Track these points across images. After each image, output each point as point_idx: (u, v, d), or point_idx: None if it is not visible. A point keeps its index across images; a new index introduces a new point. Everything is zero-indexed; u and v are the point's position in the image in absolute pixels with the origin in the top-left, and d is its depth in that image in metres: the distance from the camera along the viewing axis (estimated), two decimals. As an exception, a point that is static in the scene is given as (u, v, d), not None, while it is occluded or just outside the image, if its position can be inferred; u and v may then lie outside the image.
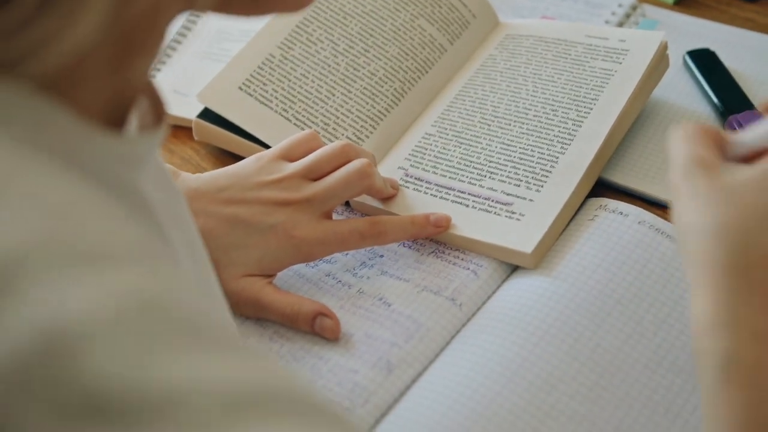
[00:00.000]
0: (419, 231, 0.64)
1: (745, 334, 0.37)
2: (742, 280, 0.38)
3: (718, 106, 0.74)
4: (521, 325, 0.57)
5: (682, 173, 0.41)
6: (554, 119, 0.71)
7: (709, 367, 0.37)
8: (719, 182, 0.40)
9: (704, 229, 0.39)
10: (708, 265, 0.38)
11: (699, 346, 0.38)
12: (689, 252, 0.40)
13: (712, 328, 0.37)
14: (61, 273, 0.21)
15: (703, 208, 0.39)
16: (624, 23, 0.87)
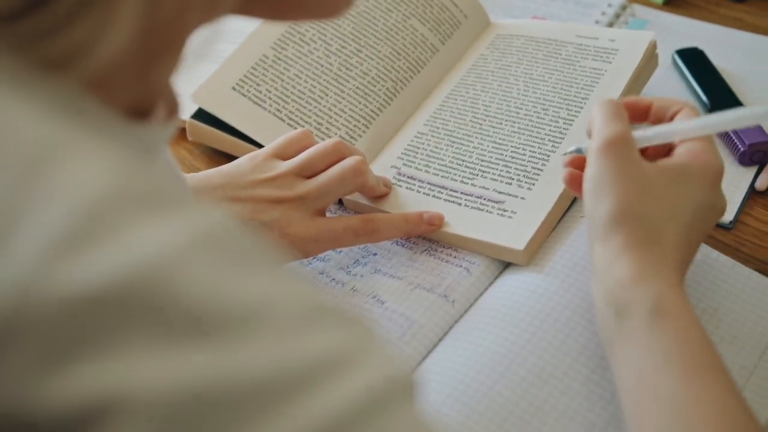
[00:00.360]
0: (412, 229, 0.65)
1: (666, 285, 0.47)
2: (654, 248, 0.49)
3: (707, 104, 0.75)
4: (513, 321, 0.58)
5: (607, 147, 0.51)
6: (545, 118, 0.71)
7: (641, 313, 0.46)
8: (636, 172, 0.51)
9: (626, 211, 0.49)
10: (630, 239, 0.49)
11: (625, 299, 0.47)
12: (607, 225, 0.50)
13: (639, 282, 0.47)
14: (139, 219, 0.24)
15: (626, 191, 0.50)
16: (614, 23, 0.88)
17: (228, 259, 0.24)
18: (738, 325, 0.58)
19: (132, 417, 0.22)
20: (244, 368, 0.23)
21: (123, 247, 0.23)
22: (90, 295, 0.23)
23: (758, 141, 0.70)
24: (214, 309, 0.23)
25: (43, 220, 0.23)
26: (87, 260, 0.23)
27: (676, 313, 0.46)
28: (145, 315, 0.23)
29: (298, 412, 0.23)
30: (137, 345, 0.23)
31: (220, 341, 0.23)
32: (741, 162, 0.70)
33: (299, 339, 0.24)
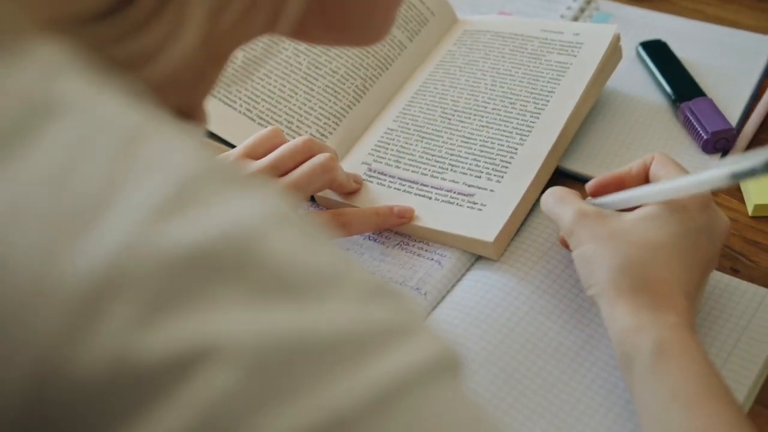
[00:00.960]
0: (383, 222, 0.66)
1: (663, 327, 0.49)
2: (646, 296, 0.51)
3: (671, 95, 0.76)
4: (488, 321, 0.59)
5: (576, 223, 0.55)
6: (512, 112, 0.72)
7: (644, 359, 0.49)
8: (611, 227, 0.53)
9: (613, 265, 0.52)
10: (621, 291, 0.51)
11: (627, 347, 0.50)
12: (600, 282, 0.52)
13: (638, 331, 0.49)
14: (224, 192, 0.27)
15: (605, 249, 0.52)
16: (579, 17, 0.89)
17: (301, 233, 0.27)
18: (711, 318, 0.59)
19: (224, 363, 0.24)
20: (322, 325, 0.26)
21: (215, 214, 0.26)
22: (188, 253, 0.25)
23: (721, 128, 0.71)
24: (296, 272, 0.26)
25: (142, 190, 0.26)
26: (184, 224, 0.25)
27: (677, 352, 0.48)
28: (237, 273, 0.25)
29: (365, 372, 0.25)
30: (230, 299, 0.25)
31: (301, 300, 0.26)
32: (705, 150, 0.72)
33: (367, 306, 0.27)
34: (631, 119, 0.77)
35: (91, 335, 0.24)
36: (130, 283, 0.25)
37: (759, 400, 0.55)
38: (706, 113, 0.73)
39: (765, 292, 0.60)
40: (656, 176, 0.58)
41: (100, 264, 0.25)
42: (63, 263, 0.25)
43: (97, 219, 0.25)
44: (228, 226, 0.26)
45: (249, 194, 0.27)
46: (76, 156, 0.26)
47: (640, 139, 0.74)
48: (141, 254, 0.25)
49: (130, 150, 0.26)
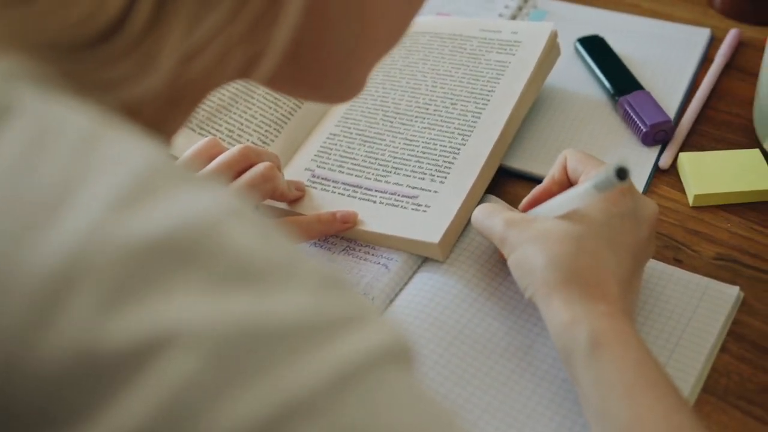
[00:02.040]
0: (327, 228, 0.65)
1: (596, 317, 0.50)
2: (576, 288, 0.51)
3: (609, 89, 0.77)
4: (437, 323, 0.59)
5: (504, 231, 0.56)
6: (454, 112, 0.72)
7: (580, 351, 0.49)
8: (535, 228, 0.54)
9: (540, 264, 0.52)
10: (552, 287, 0.52)
11: (565, 341, 0.50)
12: (533, 282, 0.53)
13: (573, 324, 0.50)
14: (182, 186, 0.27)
15: (532, 250, 0.53)
16: (517, 15, 0.90)
17: (256, 226, 0.28)
18: (657, 309, 0.59)
19: (184, 349, 0.25)
20: (278, 313, 0.26)
21: (173, 205, 0.27)
22: (147, 243, 0.26)
23: (659, 121, 0.72)
24: (253, 261, 0.27)
25: (99, 184, 0.26)
26: (143, 215, 0.26)
27: (611, 342, 0.48)
28: (195, 261, 0.26)
29: (320, 357, 0.26)
30: (188, 287, 0.26)
31: (258, 288, 0.26)
32: (644, 142, 0.73)
33: (321, 295, 0.28)
34: (572, 115, 0.77)
35: (53, 326, 0.25)
36: (90, 273, 0.25)
37: (705, 389, 0.56)
38: (644, 106, 0.74)
39: (707, 282, 0.61)
40: (575, 173, 0.59)
41: (60, 255, 0.25)
42: (23, 255, 0.25)
43: (57, 211, 0.26)
44: (186, 216, 0.26)
45: (205, 189, 0.28)
46: (32, 152, 0.27)
47: (581, 134, 0.75)
48: (100, 245, 0.25)
49: (88, 147, 0.27)
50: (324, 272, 0.29)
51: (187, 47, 0.32)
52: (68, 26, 0.30)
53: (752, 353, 0.57)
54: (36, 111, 0.28)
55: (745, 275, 0.62)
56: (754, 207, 0.67)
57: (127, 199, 0.26)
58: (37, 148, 0.27)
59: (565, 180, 0.60)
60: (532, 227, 0.55)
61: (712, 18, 0.88)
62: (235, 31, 0.33)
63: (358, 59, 0.42)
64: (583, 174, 0.57)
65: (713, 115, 0.76)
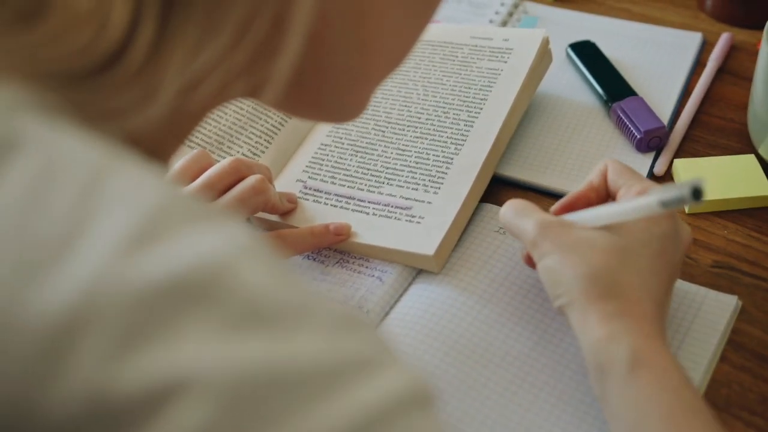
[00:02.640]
0: (320, 241, 0.65)
1: (636, 336, 0.48)
2: (616, 303, 0.49)
3: (602, 95, 0.77)
4: (433, 334, 0.58)
5: (538, 234, 0.53)
6: (446, 121, 0.72)
7: (618, 370, 0.47)
8: (575, 236, 0.52)
9: (579, 274, 0.50)
10: (590, 300, 0.50)
11: (600, 358, 0.48)
12: (569, 292, 0.51)
13: (611, 340, 0.48)
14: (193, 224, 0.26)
15: (571, 258, 0.51)
16: (507, 21, 0.89)
17: (269, 265, 0.27)
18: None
19: (197, 397, 0.24)
20: (293, 357, 0.25)
21: (184, 245, 0.26)
22: (158, 285, 0.25)
23: (653, 127, 0.71)
24: (267, 302, 0.26)
25: (109, 223, 0.26)
26: (153, 256, 0.25)
27: (651, 363, 0.47)
28: (208, 303, 0.25)
29: (338, 404, 0.25)
30: (201, 331, 0.25)
31: (272, 331, 0.26)
32: (638, 149, 0.72)
33: (337, 337, 0.27)
34: (564, 122, 0.76)
35: (63, 372, 0.24)
36: (100, 317, 0.24)
37: (706, 399, 0.55)
38: (638, 112, 0.73)
39: (705, 291, 0.60)
40: (615, 185, 0.57)
41: (69, 298, 0.24)
42: (30, 297, 0.24)
43: (64, 252, 0.25)
44: (198, 257, 0.26)
45: (217, 227, 0.27)
46: (38, 189, 0.26)
47: (575, 141, 0.74)
48: (110, 288, 0.25)
49: (95, 184, 0.26)
50: (340, 312, 0.28)
51: (189, 76, 0.31)
52: (69, 54, 0.29)
53: (752, 362, 0.57)
54: (40, 144, 0.27)
55: (743, 283, 0.62)
56: (751, 213, 0.67)
57: (137, 240, 0.25)
58: (43, 184, 0.26)
59: (604, 189, 0.58)
60: (571, 234, 0.52)
61: (703, 22, 0.87)
62: (236, 60, 0.32)
63: (360, 82, 0.41)
64: (625, 187, 0.55)
65: (707, 121, 0.76)
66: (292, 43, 0.33)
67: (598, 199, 0.58)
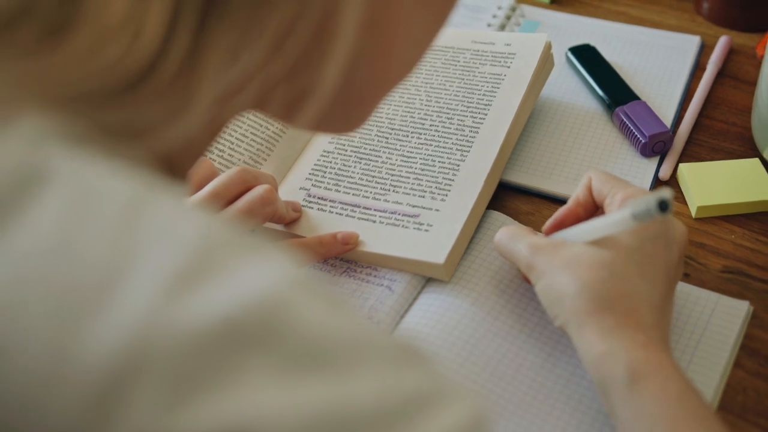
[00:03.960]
0: (328, 250, 0.64)
1: (632, 348, 0.48)
2: (610, 316, 0.49)
3: (605, 99, 0.76)
4: (445, 345, 0.57)
5: (531, 257, 0.54)
6: (451, 127, 0.71)
7: (619, 385, 0.47)
8: (564, 254, 0.52)
9: (571, 292, 0.50)
10: (584, 316, 0.50)
11: (601, 373, 0.48)
12: (564, 311, 0.51)
13: (608, 355, 0.48)
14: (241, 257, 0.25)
15: (562, 277, 0.51)
16: (505, 25, 0.89)
17: (322, 299, 0.26)
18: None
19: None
20: (356, 398, 0.25)
21: (235, 282, 0.24)
22: (212, 327, 0.24)
23: (658, 132, 0.71)
24: (324, 341, 0.25)
25: (151, 262, 0.24)
26: (204, 295, 0.24)
27: (651, 374, 0.47)
28: (265, 345, 0.24)
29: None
30: (260, 375, 0.24)
31: (332, 371, 0.25)
32: (643, 153, 0.72)
33: (397, 375, 0.26)
34: (567, 126, 0.76)
35: (114, 425, 0.23)
36: (152, 363, 0.23)
37: (722, 406, 0.55)
38: (641, 117, 0.73)
39: (717, 297, 0.60)
40: (601, 194, 0.57)
41: (119, 344, 0.23)
42: (76, 344, 0.23)
43: (108, 296, 0.24)
44: (251, 295, 0.24)
45: (264, 259, 0.26)
46: (72, 227, 0.25)
47: (578, 146, 0.74)
48: (161, 332, 0.23)
49: (133, 218, 0.25)
50: (397, 344, 0.27)
51: (225, 84, 0.30)
52: (101, 70, 0.27)
53: (767, 368, 0.57)
54: (70, 176, 0.26)
55: (754, 288, 0.62)
56: (757, 218, 0.67)
57: (184, 278, 0.24)
58: (76, 222, 0.25)
59: (590, 201, 0.58)
60: (560, 253, 0.53)
61: (701, 25, 0.88)
62: (276, 68, 0.30)
63: (377, 92, 0.40)
64: (609, 196, 0.56)
65: (709, 124, 0.76)
66: (339, 51, 0.32)
67: (586, 214, 0.58)
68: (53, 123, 0.27)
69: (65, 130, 0.27)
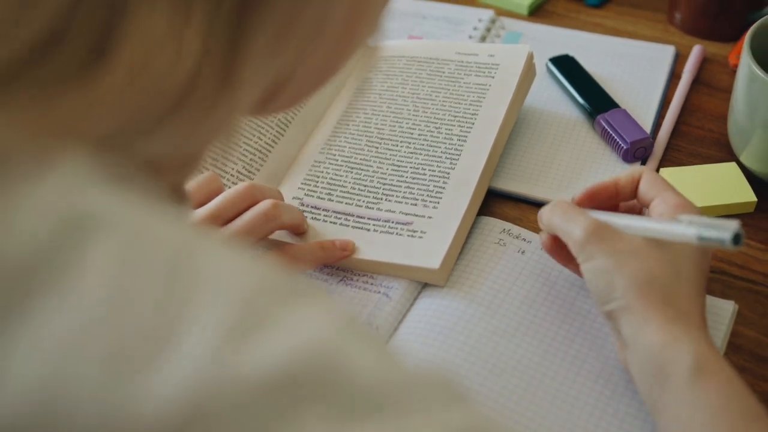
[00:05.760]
0: (329, 255, 0.65)
1: (699, 342, 0.49)
2: (675, 310, 0.50)
3: (586, 108, 0.79)
4: (444, 347, 0.59)
5: (589, 236, 0.54)
6: (439, 136, 0.73)
7: (682, 374, 0.48)
8: (631, 243, 0.53)
9: (640, 279, 0.51)
10: (651, 305, 0.50)
11: (662, 361, 0.49)
12: (625, 296, 0.51)
13: (674, 344, 0.49)
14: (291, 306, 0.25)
15: (628, 263, 0.52)
16: (486, 37, 0.91)
17: (370, 344, 0.27)
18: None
19: None
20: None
21: (288, 332, 0.25)
22: (269, 378, 0.24)
23: (639, 138, 0.74)
24: (376, 387, 0.25)
25: (206, 313, 0.24)
26: (259, 345, 0.24)
27: (716, 370, 0.48)
28: (321, 394, 0.24)
29: None
30: (318, 423, 0.24)
31: (385, 417, 0.25)
32: (624, 159, 0.74)
33: (446, 415, 0.26)
34: (551, 134, 0.78)
35: None
36: (211, 417, 0.23)
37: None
38: (622, 124, 0.75)
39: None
40: (648, 195, 0.58)
41: (178, 397, 0.23)
42: (135, 400, 0.23)
43: (165, 348, 0.24)
44: (304, 345, 0.25)
45: (313, 306, 0.26)
46: (125, 278, 0.24)
47: (562, 153, 0.76)
48: (219, 384, 0.23)
49: (182, 269, 0.25)
50: (441, 385, 0.27)
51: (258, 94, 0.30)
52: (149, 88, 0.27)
53: (751, 363, 0.59)
54: (118, 223, 0.25)
55: (736, 287, 0.64)
56: (736, 219, 0.69)
57: (240, 329, 0.24)
58: (130, 271, 0.24)
59: (629, 191, 0.59)
60: (623, 241, 0.53)
61: (674, 35, 0.90)
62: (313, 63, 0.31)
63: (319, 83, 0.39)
64: (657, 198, 0.56)
65: (687, 131, 0.78)
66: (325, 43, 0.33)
67: (618, 197, 0.59)
68: (94, 163, 0.26)
69: (106, 170, 0.26)
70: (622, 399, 0.56)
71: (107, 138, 0.27)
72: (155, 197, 0.27)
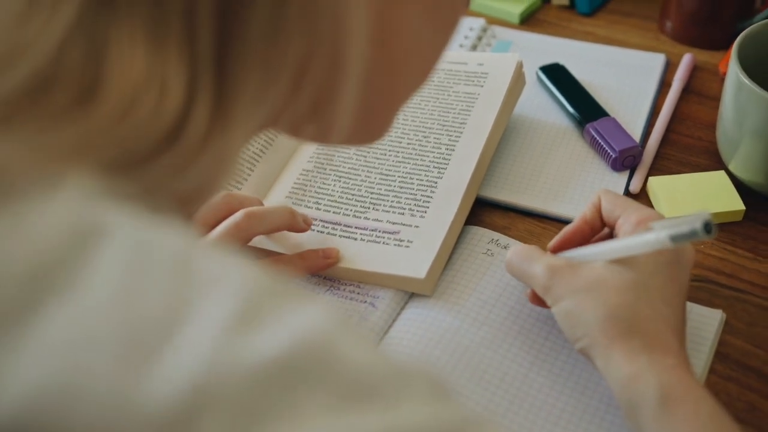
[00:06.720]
0: (311, 265, 0.65)
1: (663, 370, 0.48)
2: (638, 340, 0.50)
3: (575, 116, 0.79)
4: (430, 358, 0.59)
5: (549, 279, 0.54)
6: (427, 145, 0.73)
7: (649, 407, 0.47)
8: (586, 277, 0.53)
9: (599, 315, 0.51)
10: (612, 340, 0.50)
11: (630, 395, 0.49)
12: (589, 334, 0.51)
13: (638, 377, 0.48)
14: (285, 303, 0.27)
15: (586, 300, 0.52)
16: (477, 45, 0.91)
17: (361, 339, 0.28)
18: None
19: None
20: (407, 423, 0.26)
21: (287, 323, 0.26)
22: (271, 363, 0.25)
23: (628, 146, 0.74)
24: (370, 375, 0.27)
25: (210, 306, 0.26)
26: (260, 335, 0.26)
27: (682, 396, 0.47)
28: (320, 379, 0.26)
29: None
30: (317, 407, 0.25)
31: (380, 402, 0.26)
32: (613, 168, 0.74)
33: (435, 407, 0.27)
34: (540, 143, 0.78)
35: None
36: (216, 399, 0.24)
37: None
38: (611, 132, 0.75)
39: (690, 306, 0.62)
40: (611, 216, 0.57)
41: (184, 384, 0.24)
42: (144, 387, 0.24)
43: (172, 338, 0.25)
44: (301, 334, 0.26)
45: (306, 304, 0.28)
46: (133, 277, 0.26)
47: (551, 161, 0.76)
48: (224, 369, 0.25)
49: (186, 269, 0.27)
50: (429, 378, 0.29)
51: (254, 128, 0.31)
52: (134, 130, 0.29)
53: (738, 372, 0.59)
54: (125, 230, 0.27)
55: (722, 295, 0.64)
56: (724, 228, 0.69)
57: (239, 321, 0.26)
58: (138, 272, 0.26)
59: (598, 220, 0.59)
60: (581, 275, 0.53)
61: (664, 43, 0.91)
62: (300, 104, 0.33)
63: (388, 103, 0.42)
64: (622, 217, 0.56)
65: (676, 139, 0.78)
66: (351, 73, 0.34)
67: (592, 232, 0.59)
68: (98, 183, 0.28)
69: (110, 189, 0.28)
70: (609, 410, 0.56)
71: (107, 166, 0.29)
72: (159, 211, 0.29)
